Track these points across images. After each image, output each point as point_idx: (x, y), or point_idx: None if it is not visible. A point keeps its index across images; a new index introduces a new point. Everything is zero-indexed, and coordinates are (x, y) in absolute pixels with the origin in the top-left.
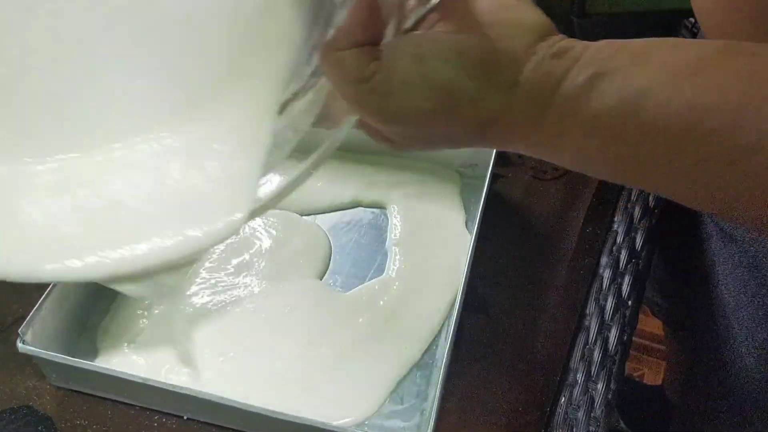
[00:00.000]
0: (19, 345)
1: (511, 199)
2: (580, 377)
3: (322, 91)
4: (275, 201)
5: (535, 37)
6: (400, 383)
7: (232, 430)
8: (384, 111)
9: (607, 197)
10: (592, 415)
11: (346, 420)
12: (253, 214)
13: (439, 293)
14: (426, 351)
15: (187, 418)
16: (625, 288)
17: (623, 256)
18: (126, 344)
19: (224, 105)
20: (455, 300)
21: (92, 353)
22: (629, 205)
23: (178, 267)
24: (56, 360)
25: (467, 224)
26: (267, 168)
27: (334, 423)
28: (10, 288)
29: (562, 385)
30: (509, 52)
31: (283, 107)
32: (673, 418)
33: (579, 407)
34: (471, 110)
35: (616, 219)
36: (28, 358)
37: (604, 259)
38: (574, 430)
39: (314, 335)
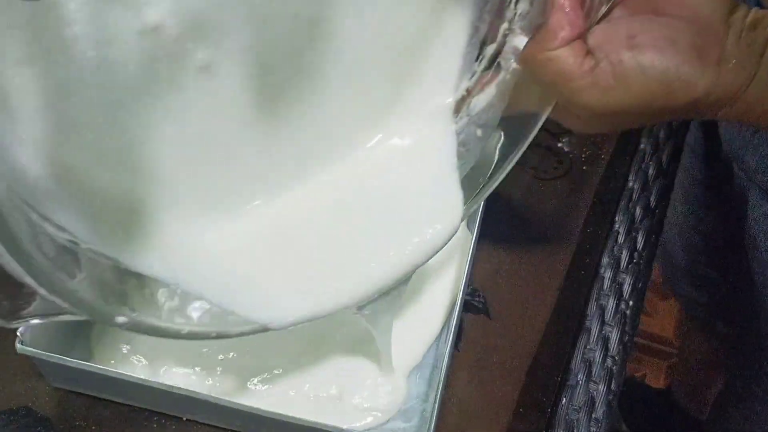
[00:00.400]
0: (18, 346)
1: (511, 199)
2: (580, 378)
3: (505, 86)
4: (478, 203)
5: (725, 11)
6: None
7: (232, 431)
8: (603, 103)
9: (608, 197)
10: (593, 416)
11: (358, 425)
12: (466, 213)
13: (439, 293)
14: (426, 351)
15: (187, 419)
16: (626, 288)
17: (624, 256)
18: (124, 345)
19: (401, 115)
20: (455, 300)
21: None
22: (630, 205)
23: (406, 278)
24: (55, 361)
25: (467, 224)
26: (464, 166)
27: (335, 424)
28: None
29: (563, 386)
30: (710, 30)
31: (459, 106)
32: (679, 423)
33: (580, 408)
34: (685, 92)
35: (617, 219)
36: (27, 359)
37: (605, 259)
38: (575, 431)
39: (314, 335)
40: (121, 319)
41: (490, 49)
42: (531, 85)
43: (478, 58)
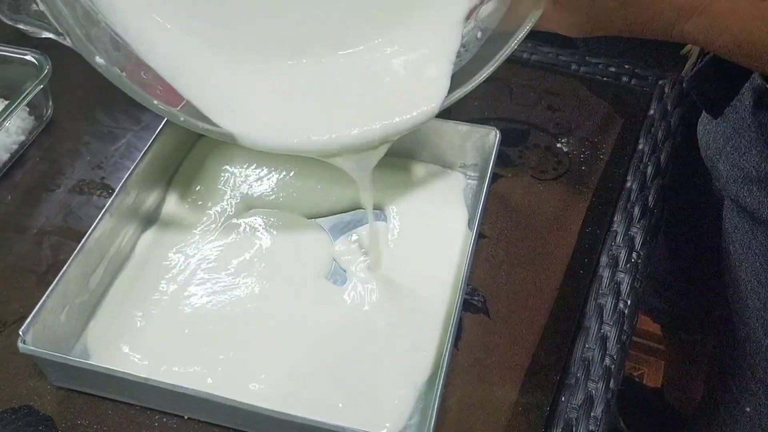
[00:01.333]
0: (20, 345)
1: (511, 199)
2: (579, 377)
3: None
4: (463, 94)
5: None
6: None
7: (233, 429)
8: None
9: (606, 197)
10: (591, 414)
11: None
12: (444, 105)
13: (439, 293)
14: (433, 359)
15: (188, 418)
16: (625, 287)
17: (623, 255)
18: (124, 344)
19: (420, 15)
20: (455, 299)
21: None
22: (629, 205)
23: (384, 144)
24: (56, 360)
25: (468, 223)
26: (459, 63)
27: (337, 423)
28: (10, 288)
29: (562, 385)
30: None
31: (470, 14)
32: (671, 422)
33: (578, 407)
34: None
35: (615, 219)
36: (29, 358)
37: (603, 259)
38: (574, 429)
39: (315, 335)
40: (99, 60)
41: None
42: None
43: None
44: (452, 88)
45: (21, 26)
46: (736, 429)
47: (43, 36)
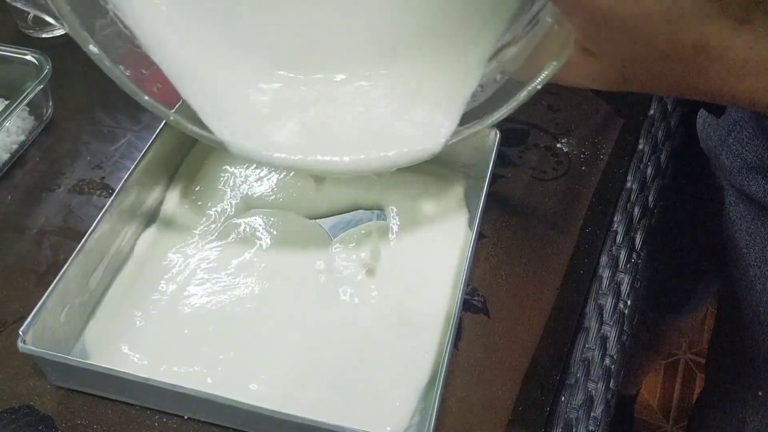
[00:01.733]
0: (20, 345)
1: (511, 199)
2: (579, 377)
3: (534, 38)
4: (468, 135)
5: None
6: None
7: (233, 429)
8: (613, 8)
9: (606, 197)
10: (591, 414)
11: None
12: (447, 144)
13: (439, 294)
14: (432, 361)
15: (188, 418)
16: (625, 288)
17: (623, 255)
18: (124, 344)
19: (445, 51)
20: (455, 299)
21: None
22: (629, 205)
23: (383, 172)
24: (57, 360)
25: (468, 223)
26: (472, 103)
27: (337, 423)
28: (10, 288)
29: (562, 385)
30: None
31: (495, 54)
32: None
33: (578, 407)
34: (693, 30)
35: (615, 219)
36: (29, 358)
37: (603, 259)
38: (574, 429)
39: (315, 335)
40: (93, 48)
41: (536, 7)
42: (552, 36)
43: (527, 10)
44: (460, 124)
45: (18, 5)
46: (748, 413)
47: (44, 18)
